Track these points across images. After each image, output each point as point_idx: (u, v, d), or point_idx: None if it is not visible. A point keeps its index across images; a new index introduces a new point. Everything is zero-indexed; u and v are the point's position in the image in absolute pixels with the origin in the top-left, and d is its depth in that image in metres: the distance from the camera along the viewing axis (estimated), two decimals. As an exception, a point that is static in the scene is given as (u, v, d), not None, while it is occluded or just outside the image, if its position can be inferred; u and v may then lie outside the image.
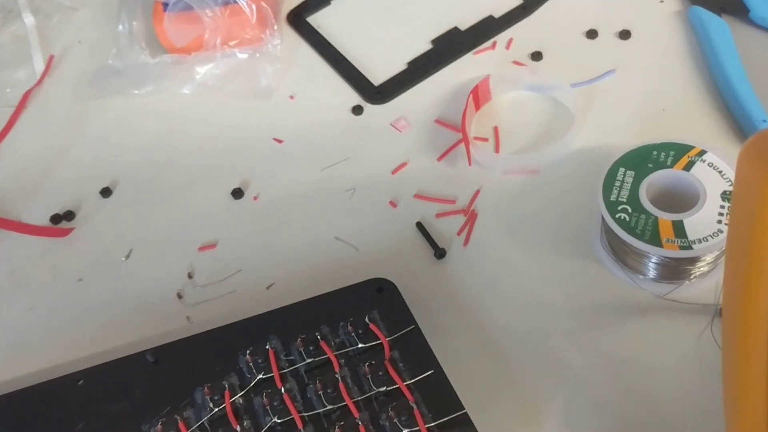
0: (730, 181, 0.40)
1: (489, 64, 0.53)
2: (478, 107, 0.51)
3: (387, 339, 0.39)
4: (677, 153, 0.42)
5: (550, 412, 0.38)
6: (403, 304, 0.41)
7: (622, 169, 0.42)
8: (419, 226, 0.46)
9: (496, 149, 0.49)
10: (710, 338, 0.39)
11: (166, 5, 0.55)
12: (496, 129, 0.50)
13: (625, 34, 0.53)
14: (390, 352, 0.39)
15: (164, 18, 0.55)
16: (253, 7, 0.54)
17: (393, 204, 0.47)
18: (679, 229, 0.39)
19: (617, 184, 0.41)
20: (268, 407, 0.37)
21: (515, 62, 0.53)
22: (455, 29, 0.56)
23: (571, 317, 0.41)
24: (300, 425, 0.37)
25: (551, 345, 0.40)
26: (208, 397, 0.38)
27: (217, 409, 0.38)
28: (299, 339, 0.40)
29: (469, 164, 0.48)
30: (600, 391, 0.38)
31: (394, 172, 0.49)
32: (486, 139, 0.50)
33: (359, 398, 0.37)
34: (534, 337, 0.41)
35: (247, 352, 0.40)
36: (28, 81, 0.59)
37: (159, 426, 0.38)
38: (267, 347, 0.40)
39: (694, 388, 0.38)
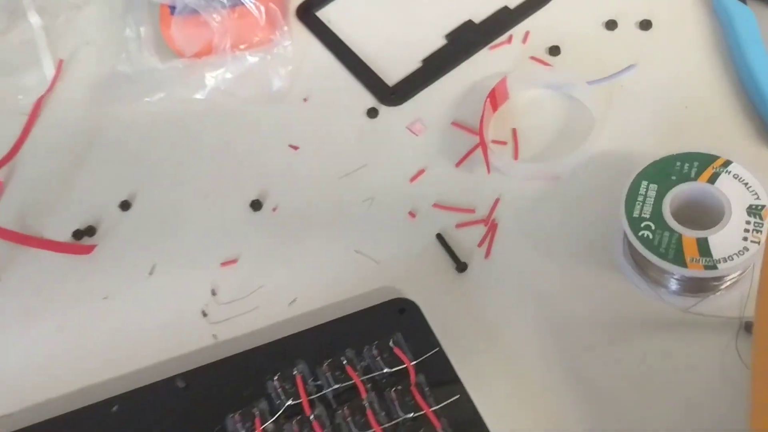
0: (756, 194, 0.39)
1: (506, 60, 0.52)
2: (495, 108, 0.50)
3: (412, 363, 0.40)
4: (701, 164, 0.41)
5: (573, 420, 0.39)
6: (426, 326, 0.41)
7: (644, 183, 0.41)
8: (439, 238, 0.46)
9: (515, 153, 0.48)
10: (734, 352, 0.39)
11: (173, 9, 0.54)
12: (514, 132, 0.49)
13: (646, 24, 0.51)
14: (415, 376, 0.39)
15: (172, 22, 0.53)
16: (262, 8, 0.53)
17: (412, 214, 0.47)
18: (703, 247, 0.38)
19: (640, 198, 0.41)
20: (297, 432, 0.38)
21: (532, 58, 0.52)
22: (469, 22, 0.54)
23: (594, 331, 0.41)
24: (330, 453, 0.38)
25: (575, 360, 0.41)
26: (239, 425, 0.39)
27: (247, 433, 0.39)
28: (325, 364, 0.40)
29: (488, 172, 0.47)
30: (623, 407, 0.39)
31: (412, 179, 0.49)
32: (504, 142, 0.49)
33: (387, 425, 0.38)
34: (558, 352, 0.41)
35: (275, 377, 0.40)
36: (39, 86, 0.58)
37: (193, 454, 0.39)
38: (294, 372, 0.40)
39: (717, 402, 0.38)
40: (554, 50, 0.52)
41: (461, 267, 0.44)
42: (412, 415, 0.38)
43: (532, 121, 0.49)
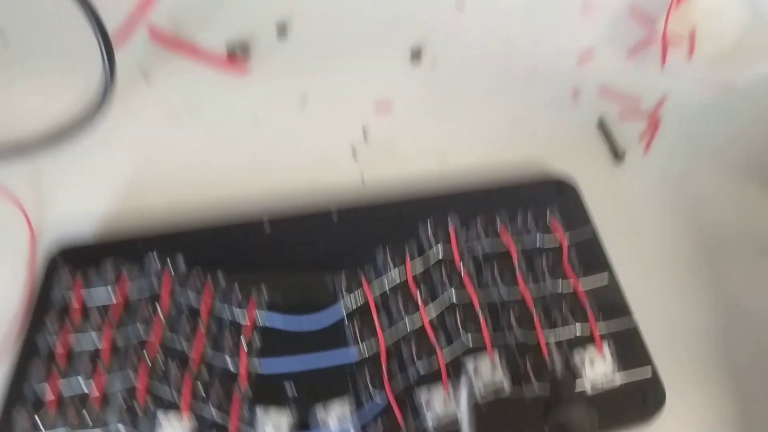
0: None
1: (696, -47, 0.50)
2: (678, 3, 0.48)
3: (566, 238, 0.41)
4: None
5: (711, 330, 0.40)
6: (582, 208, 0.42)
7: (834, 109, 0.41)
8: (601, 124, 0.46)
9: (690, 54, 0.47)
10: None
11: None
12: (693, 32, 0.48)
13: None
14: (568, 251, 0.41)
15: None
16: None
17: (575, 94, 0.47)
18: None
19: (826, 124, 0.40)
20: (446, 282, 0.40)
21: (725, -43, 0.49)
22: None
23: (740, 245, 0.42)
24: (477, 306, 0.39)
25: (719, 269, 0.42)
26: (389, 263, 0.41)
27: (397, 272, 0.40)
28: (479, 220, 0.41)
29: (663, 65, 0.46)
30: (759, 324, 0.40)
31: (579, 60, 0.48)
32: (680, 41, 0.48)
33: (534, 289, 0.40)
34: (703, 258, 0.42)
35: (429, 223, 0.42)
36: None
37: (343, 280, 0.41)
38: (448, 223, 0.42)
39: None
40: (750, -47, 0.49)
41: (619, 157, 0.45)
42: (560, 287, 0.40)
43: (714, 25, 0.48)
